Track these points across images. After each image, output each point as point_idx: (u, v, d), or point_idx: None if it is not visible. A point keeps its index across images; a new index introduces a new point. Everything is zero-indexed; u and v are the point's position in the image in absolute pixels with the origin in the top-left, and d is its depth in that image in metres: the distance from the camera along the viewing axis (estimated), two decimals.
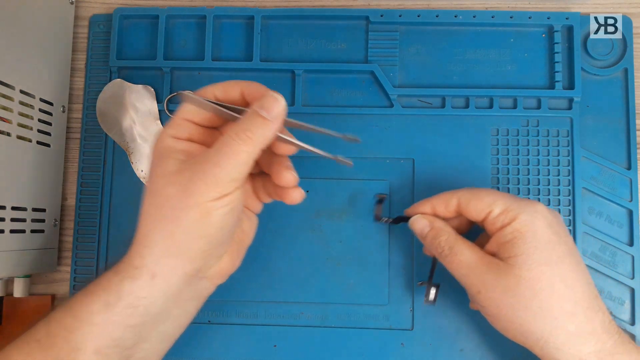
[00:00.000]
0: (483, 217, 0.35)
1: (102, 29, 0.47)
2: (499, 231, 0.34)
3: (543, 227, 0.33)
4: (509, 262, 0.33)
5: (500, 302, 0.33)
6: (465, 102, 0.44)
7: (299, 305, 0.43)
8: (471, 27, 0.45)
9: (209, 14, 0.45)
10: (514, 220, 0.34)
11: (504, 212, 0.34)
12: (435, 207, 0.38)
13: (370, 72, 0.45)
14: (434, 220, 0.37)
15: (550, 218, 0.34)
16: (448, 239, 0.36)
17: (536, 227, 0.33)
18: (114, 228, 0.45)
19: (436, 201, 0.38)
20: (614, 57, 0.45)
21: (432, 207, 0.38)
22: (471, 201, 0.36)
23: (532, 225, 0.33)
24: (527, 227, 0.33)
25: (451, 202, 0.37)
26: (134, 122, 0.45)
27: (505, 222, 0.34)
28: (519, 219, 0.34)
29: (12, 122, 0.39)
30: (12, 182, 0.39)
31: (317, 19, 0.46)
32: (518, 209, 0.34)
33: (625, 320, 0.42)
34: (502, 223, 0.34)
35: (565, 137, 0.44)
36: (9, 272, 0.39)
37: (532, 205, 0.34)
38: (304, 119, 0.44)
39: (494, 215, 0.35)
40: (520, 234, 0.33)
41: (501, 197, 0.35)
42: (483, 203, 0.35)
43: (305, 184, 0.44)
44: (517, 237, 0.33)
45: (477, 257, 0.35)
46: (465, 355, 0.42)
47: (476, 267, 0.34)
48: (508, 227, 0.34)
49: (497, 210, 0.35)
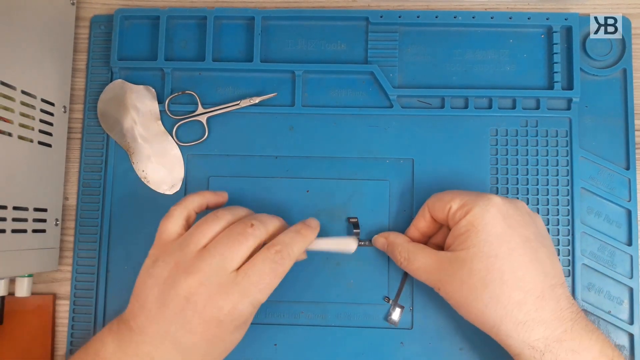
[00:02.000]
0: (445, 215, 0.37)
1: (103, 29, 0.47)
2: (456, 225, 0.36)
3: (495, 219, 0.34)
4: (461, 255, 0.35)
5: (457, 294, 0.35)
6: (465, 102, 0.45)
7: (298, 304, 0.43)
8: (470, 28, 0.45)
9: (210, 15, 0.46)
10: (467, 213, 0.35)
11: (461, 207, 0.36)
12: (417, 225, 0.40)
13: (370, 72, 0.45)
14: (388, 236, 0.40)
15: (505, 209, 0.35)
16: (401, 250, 0.38)
17: (487, 219, 0.34)
18: (115, 228, 0.45)
19: (416, 220, 0.40)
20: (613, 58, 0.45)
21: (417, 229, 0.40)
22: (435, 203, 0.38)
23: (483, 217, 0.34)
24: (479, 220, 0.34)
25: (425, 212, 0.39)
26: (135, 123, 0.45)
27: (460, 216, 0.35)
28: (472, 212, 0.35)
29: (13, 122, 0.39)
30: (14, 182, 0.39)
31: (317, 19, 0.46)
32: (472, 203, 0.35)
33: (623, 320, 0.42)
34: (458, 217, 0.36)
35: (564, 137, 0.44)
36: (11, 272, 0.39)
37: (487, 198, 0.35)
38: (304, 119, 0.45)
39: (453, 210, 0.36)
40: (472, 227, 0.35)
41: (460, 194, 0.37)
42: (443, 202, 0.37)
43: (305, 184, 0.44)
44: (469, 230, 0.35)
45: (431, 259, 0.37)
46: (465, 354, 0.42)
47: (432, 268, 0.36)
48: (463, 220, 0.35)
49: (454, 206, 0.36)
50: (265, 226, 0.36)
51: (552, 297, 0.34)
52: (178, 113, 0.45)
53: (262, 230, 0.35)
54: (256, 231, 0.35)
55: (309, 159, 0.45)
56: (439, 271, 0.36)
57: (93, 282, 0.44)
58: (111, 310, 0.44)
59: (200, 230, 0.35)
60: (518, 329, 0.33)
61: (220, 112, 0.45)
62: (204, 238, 0.35)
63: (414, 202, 0.44)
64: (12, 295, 0.43)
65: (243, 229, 0.34)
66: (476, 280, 0.34)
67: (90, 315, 0.44)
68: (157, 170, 0.45)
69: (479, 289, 0.34)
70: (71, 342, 0.44)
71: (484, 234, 0.34)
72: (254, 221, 0.35)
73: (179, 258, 0.34)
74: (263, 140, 0.45)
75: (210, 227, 0.35)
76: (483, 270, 0.34)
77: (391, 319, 0.42)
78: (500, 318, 0.34)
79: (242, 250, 0.34)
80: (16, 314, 0.44)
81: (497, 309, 0.34)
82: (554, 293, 0.34)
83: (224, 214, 0.36)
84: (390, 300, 0.43)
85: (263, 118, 0.45)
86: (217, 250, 0.34)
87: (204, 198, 0.38)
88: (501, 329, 0.34)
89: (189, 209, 0.37)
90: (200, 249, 0.34)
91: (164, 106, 0.45)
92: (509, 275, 0.33)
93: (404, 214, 0.44)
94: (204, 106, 0.45)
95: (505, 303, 0.33)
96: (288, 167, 0.45)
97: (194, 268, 0.33)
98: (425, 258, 0.37)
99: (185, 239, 0.35)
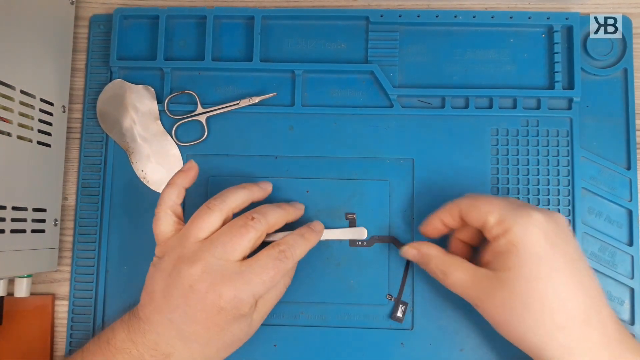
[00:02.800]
0: (480, 226, 0.35)
1: (102, 29, 0.47)
2: (494, 240, 0.34)
3: (536, 239, 0.33)
4: (501, 276, 0.33)
5: (497, 314, 0.34)
6: (465, 102, 0.45)
7: (298, 305, 0.43)
8: (471, 28, 0.45)
9: (209, 14, 0.45)
10: (507, 231, 0.33)
11: (499, 222, 0.34)
12: (443, 219, 0.38)
13: (370, 72, 0.45)
14: (420, 247, 0.38)
15: (547, 227, 0.33)
16: (437, 262, 0.37)
17: (528, 239, 0.33)
18: (114, 228, 0.45)
19: (442, 214, 0.38)
20: (613, 57, 0.45)
21: (440, 220, 0.38)
22: (470, 211, 0.36)
23: (524, 237, 0.33)
24: (519, 240, 0.33)
25: (454, 211, 0.37)
26: (134, 122, 0.45)
27: (499, 233, 0.34)
28: (512, 231, 0.33)
29: (12, 122, 0.39)
30: (13, 182, 0.39)
31: (317, 19, 0.46)
32: (512, 220, 0.33)
33: (625, 320, 0.42)
34: (496, 233, 0.34)
35: (564, 137, 0.44)
36: (10, 272, 0.39)
37: (527, 215, 0.33)
38: (304, 119, 0.45)
39: (490, 225, 0.34)
40: (513, 247, 0.33)
41: (497, 206, 0.35)
42: (480, 212, 0.35)
43: (305, 184, 0.44)
44: (509, 250, 0.33)
45: (469, 275, 0.35)
46: (465, 355, 0.42)
47: (470, 285, 0.35)
48: (502, 239, 0.34)
49: (492, 221, 0.34)
50: (266, 218, 0.37)
51: (599, 320, 0.33)
52: (177, 113, 0.45)
53: (263, 222, 0.36)
54: (257, 224, 0.36)
55: (308, 158, 0.44)
56: (478, 289, 0.35)
57: (92, 282, 0.44)
58: (110, 310, 0.44)
59: (196, 223, 0.36)
60: (564, 355, 0.32)
61: (220, 112, 0.45)
62: (201, 231, 0.36)
63: (414, 202, 0.43)
64: (11, 296, 0.43)
65: (244, 221, 0.36)
66: (517, 302, 0.33)
67: (89, 315, 0.44)
68: (156, 170, 0.45)
69: (521, 311, 0.33)
70: (70, 342, 0.44)
71: (525, 255, 0.33)
72: (254, 214, 0.36)
73: (181, 250, 0.35)
74: (263, 140, 0.45)
75: (204, 218, 0.36)
76: (524, 293, 0.32)
77: (396, 316, 0.42)
78: (544, 343, 0.33)
79: (243, 241, 0.35)
80: (15, 314, 0.44)
81: (540, 333, 0.33)
82: (600, 316, 0.33)
83: (215, 204, 0.37)
84: (393, 298, 0.43)
85: (263, 118, 0.45)
86: (220, 241, 0.35)
87: (177, 187, 0.38)
88: (544, 352, 0.33)
89: (170, 204, 0.38)
90: (202, 240, 0.36)
91: (163, 106, 0.45)
92: (552, 298, 0.32)
93: (404, 214, 0.43)
94: (203, 106, 0.45)
95: (549, 327, 0.32)
96: (288, 167, 0.44)
97: (196, 257, 0.35)
98: (464, 273, 0.35)
99: (184, 232, 0.36)
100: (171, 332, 0.35)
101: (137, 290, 0.37)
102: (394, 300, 0.43)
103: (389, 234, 0.43)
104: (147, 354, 0.35)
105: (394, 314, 0.42)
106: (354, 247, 0.43)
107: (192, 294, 0.34)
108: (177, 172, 0.39)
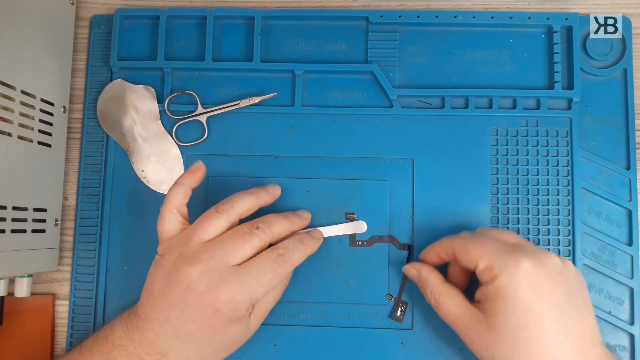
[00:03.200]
0: (471, 269, 0.36)
1: (102, 29, 0.47)
2: (484, 284, 0.35)
3: (522, 290, 0.33)
4: (489, 321, 0.34)
5: (484, 353, 0.35)
6: (465, 102, 0.45)
7: (299, 304, 0.43)
8: (471, 28, 0.45)
9: (210, 15, 0.46)
10: (495, 279, 0.34)
11: (487, 269, 0.35)
12: (439, 254, 0.39)
13: (370, 72, 0.45)
14: (421, 271, 0.39)
15: (534, 277, 0.33)
16: (433, 290, 0.38)
17: (515, 289, 0.33)
18: (115, 228, 0.45)
19: (438, 248, 0.39)
20: (613, 58, 0.45)
21: (436, 254, 0.39)
22: (462, 254, 0.37)
23: (511, 286, 0.33)
24: (506, 288, 0.33)
25: (449, 250, 0.38)
26: (135, 123, 0.45)
27: (488, 279, 0.35)
28: (499, 279, 0.34)
29: (13, 122, 0.39)
30: (13, 182, 0.39)
31: (317, 19, 0.46)
32: (500, 268, 0.34)
33: (624, 320, 0.42)
34: (486, 279, 0.35)
35: (564, 137, 0.44)
36: (10, 272, 0.39)
37: (515, 263, 0.34)
38: (304, 119, 0.45)
39: (480, 270, 0.35)
40: (499, 295, 0.34)
41: (487, 252, 0.35)
42: (470, 257, 0.36)
43: (305, 184, 0.44)
44: (497, 297, 0.34)
45: (460, 310, 0.36)
46: (465, 355, 0.42)
47: (460, 320, 0.36)
48: (490, 285, 0.34)
49: (481, 266, 0.35)
50: (271, 228, 0.37)
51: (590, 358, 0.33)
52: (178, 113, 0.45)
53: (267, 232, 0.37)
54: (261, 233, 0.36)
55: (308, 158, 0.45)
56: (467, 326, 0.35)
57: (92, 282, 0.44)
58: (111, 310, 0.44)
59: (202, 225, 0.36)
60: None
61: (220, 112, 0.45)
62: (206, 233, 0.36)
63: (414, 202, 0.44)
64: (11, 296, 0.43)
65: (249, 229, 0.36)
66: (504, 347, 0.33)
67: (89, 315, 0.44)
68: (156, 170, 0.45)
69: (506, 356, 0.34)
70: (71, 342, 0.44)
71: (511, 305, 0.33)
72: (260, 224, 0.37)
73: (183, 250, 0.36)
74: (263, 140, 0.45)
75: (212, 222, 0.36)
76: (510, 341, 0.33)
77: (396, 315, 0.42)
78: None
79: (246, 248, 0.35)
80: (16, 314, 0.44)
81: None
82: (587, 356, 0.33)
83: (224, 208, 0.37)
84: (393, 298, 0.43)
85: (263, 118, 0.45)
86: (222, 244, 0.35)
87: (184, 186, 0.38)
88: None
89: (175, 204, 0.38)
90: (205, 242, 0.36)
91: (163, 106, 0.45)
92: (536, 346, 0.33)
93: (404, 214, 0.44)
94: (203, 106, 0.45)
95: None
96: (288, 167, 0.45)
97: (197, 258, 0.35)
98: (456, 307, 0.36)
99: (189, 232, 0.37)
100: (168, 331, 0.35)
101: (138, 290, 0.37)
102: (394, 300, 0.43)
103: (389, 234, 0.43)
104: (143, 352, 0.35)
105: (393, 313, 0.42)
106: (354, 247, 0.43)
107: (189, 294, 0.34)
108: (185, 172, 0.39)
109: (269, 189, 0.40)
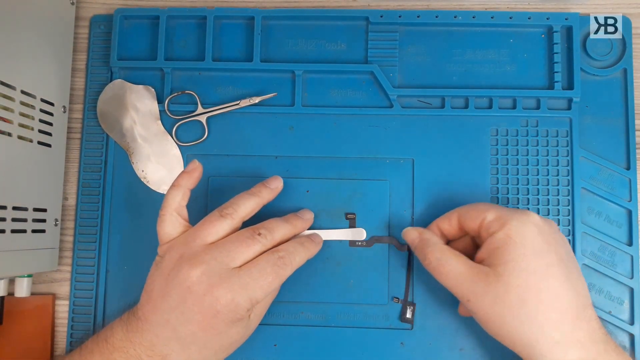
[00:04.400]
0: (478, 225, 0.36)
1: (102, 29, 0.47)
2: (491, 236, 0.35)
3: (533, 234, 0.34)
4: (497, 270, 0.34)
5: (490, 310, 0.34)
6: (465, 102, 0.45)
7: (299, 304, 0.43)
8: (471, 28, 0.45)
9: (210, 15, 0.46)
10: (504, 225, 0.34)
11: (497, 218, 0.35)
12: (440, 225, 0.39)
13: (370, 72, 0.45)
14: (422, 232, 0.39)
15: (542, 226, 0.35)
16: (434, 249, 0.37)
17: (526, 233, 0.34)
18: (115, 228, 0.45)
19: (440, 221, 0.39)
20: (613, 58, 0.45)
21: (437, 226, 0.39)
22: (468, 212, 0.37)
23: (521, 231, 0.34)
24: (516, 233, 0.34)
25: (452, 218, 0.38)
26: (135, 123, 0.45)
27: (497, 228, 0.35)
28: (509, 224, 0.34)
29: (13, 122, 0.39)
30: (13, 182, 0.39)
31: (317, 19, 0.46)
32: (509, 216, 0.35)
33: (624, 320, 0.42)
34: (494, 229, 0.35)
35: (564, 137, 0.44)
36: (10, 272, 0.39)
37: (525, 213, 0.35)
38: (304, 119, 0.45)
39: (488, 221, 0.36)
40: (510, 240, 0.34)
41: (495, 207, 0.37)
42: (477, 211, 0.37)
43: (305, 184, 0.44)
44: (507, 243, 0.34)
45: (465, 267, 0.35)
46: (465, 355, 0.42)
47: (465, 277, 0.35)
48: (499, 232, 0.35)
49: (490, 217, 0.36)
50: (272, 234, 0.37)
51: (585, 317, 0.34)
52: (178, 113, 0.45)
53: (269, 238, 0.37)
54: (263, 239, 0.36)
55: (309, 158, 0.45)
56: (472, 283, 0.35)
57: (92, 282, 0.44)
58: (111, 310, 0.44)
59: (205, 228, 0.36)
60: (553, 349, 0.33)
61: (220, 112, 0.45)
62: (209, 235, 0.36)
63: (414, 202, 0.44)
64: (11, 296, 0.43)
65: (251, 234, 0.36)
66: (513, 296, 0.33)
67: (89, 315, 0.44)
68: (156, 170, 0.45)
69: (515, 306, 0.33)
70: (71, 342, 0.44)
71: (522, 248, 0.33)
72: (262, 230, 0.37)
73: (184, 251, 0.36)
74: (263, 140, 0.45)
75: (215, 225, 0.36)
76: (521, 287, 0.33)
77: (406, 317, 0.42)
78: (536, 337, 0.33)
79: (248, 252, 0.35)
80: (16, 314, 0.44)
81: (533, 327, 0.33)
82: (586, 314, 0.34)
83: (227, 212, 0.37)
84: (400, 300, 0.43)
85: (263, 118, 0.45)
86: (224, 247, 0.35)
87: (182, 188, 0.38)
88: (535, 349, 0.33)
89: (175, 206, 0.38)
90: (207, 244, 0.36)
91: (163, 106, 0.45)
92: (547, 293, 0.33)
93: (404, 214, 0.44)
94: (203, 106, 0.45)
95: (542, 322, 0.33)
96: (288, 167, 0.45)
97: (199, 260, 0.35)
98: (459, 265, 0.35)
99: (191, 234, 0.37)
100: (168, 332, 0.35)
101: (138, 290, 0.37)
102: (401, 302, 0.43)
103: (389, 234, 0.43)
104: (144, 354, 0.35)
105: (403, 316, 0.42)
106: (354, 247, 0.43)
107: (189, 295, 0.34)
108: (181, 173, 0.39)
109: (270, 185, 0.40)
